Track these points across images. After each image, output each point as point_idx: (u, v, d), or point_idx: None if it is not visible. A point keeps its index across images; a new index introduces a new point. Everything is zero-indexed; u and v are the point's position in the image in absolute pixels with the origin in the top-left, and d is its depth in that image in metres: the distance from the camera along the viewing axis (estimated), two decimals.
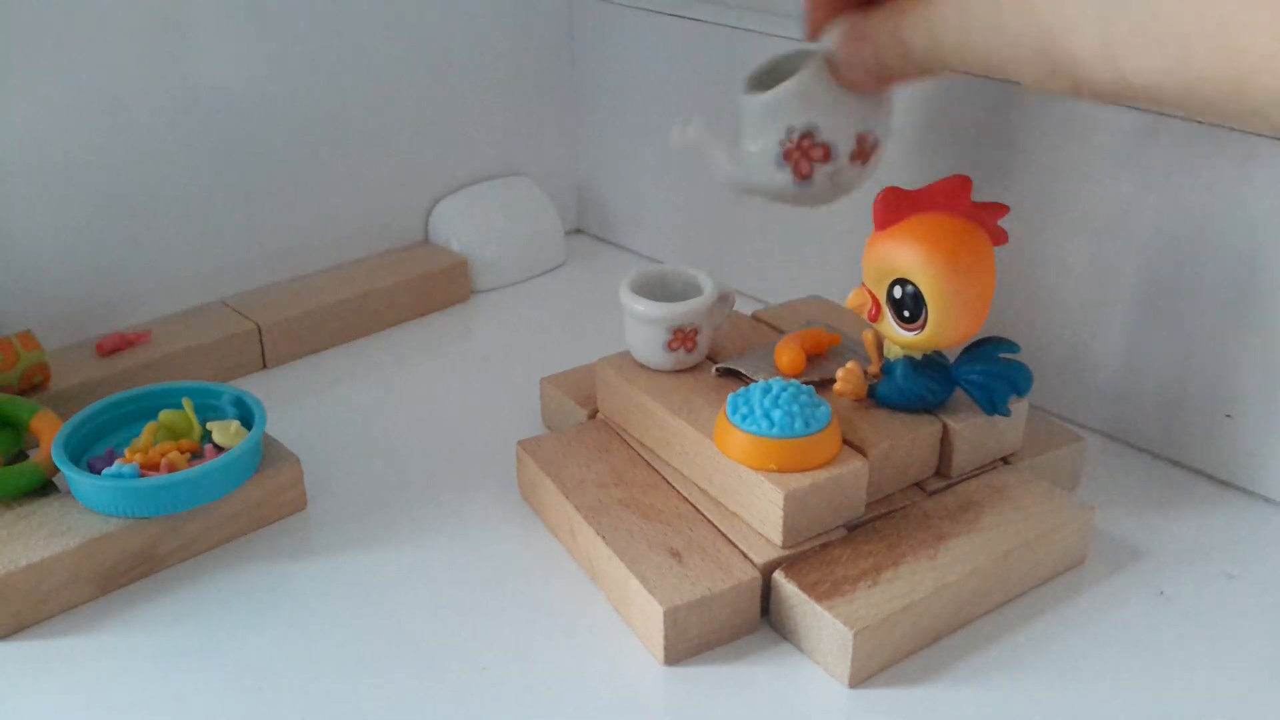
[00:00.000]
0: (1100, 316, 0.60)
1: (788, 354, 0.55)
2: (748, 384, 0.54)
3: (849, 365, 0.53)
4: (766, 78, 0.55)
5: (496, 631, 0.48)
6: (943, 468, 0.54)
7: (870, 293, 0.51)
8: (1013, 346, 0.52)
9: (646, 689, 0.45)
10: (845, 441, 0.50)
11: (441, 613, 0.50)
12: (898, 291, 0.49)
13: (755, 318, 0.65)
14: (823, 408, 0.50)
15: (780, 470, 0.48)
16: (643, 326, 0.55)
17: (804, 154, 0.53)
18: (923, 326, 0.49)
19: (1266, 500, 0.57)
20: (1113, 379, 0.60)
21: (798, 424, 0.48)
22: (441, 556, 0.53)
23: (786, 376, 0.54)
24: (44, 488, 0.53)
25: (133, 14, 0.65)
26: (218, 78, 0.69)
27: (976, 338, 0.52)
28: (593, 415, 0.60)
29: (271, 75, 0.71)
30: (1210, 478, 0.58)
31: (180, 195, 0.70)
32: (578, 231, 0.93)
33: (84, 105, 0.64)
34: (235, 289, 0.74)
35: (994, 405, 0.52)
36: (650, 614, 0.46)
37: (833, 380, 0.56)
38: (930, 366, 0.52)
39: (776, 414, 0.48)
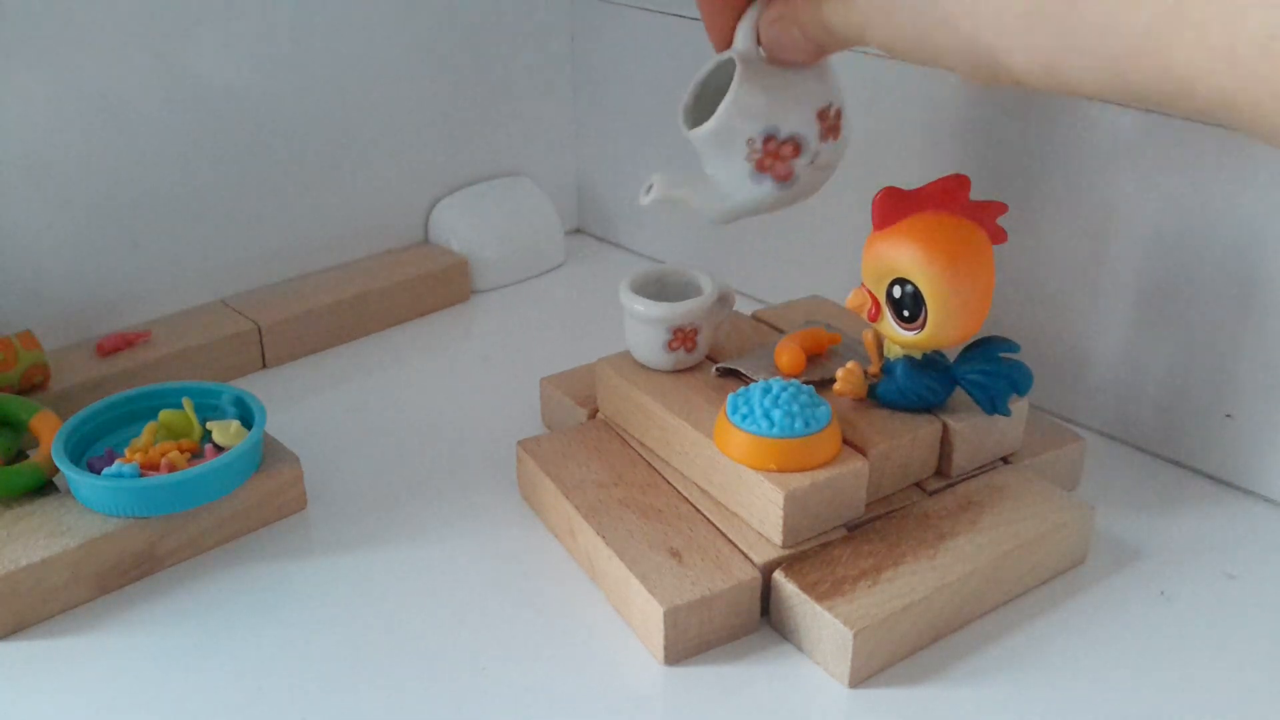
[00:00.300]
0: (1100, 316, 0.60)
1: (788, 354, 0.55)
2: (748, 384, 0.54)
3: (849, 365, 0.53)
4: (702, 102, 0.54)
5: (496, 631, 0.48)
6: (943, 468, 0.54)
7: (870, 293, 0.51)
8: (1012, 346, 0.52)
9: (646, 689, 0.45)
10: (845, 441, 0.50)
11: (441, 613, 0.50)
12: (897, 291, 0.49)
13: (755, 318, 0.65)
14: (823, 408, 0.50)
15: (780, 470, 0.48)
16: (643, 326, 0.55)
17: (776, 156, 0.51)
18: (922, 326, 0.49)
19: (1266, 500, 0.57)
20: (1112, 379, 0.60)
21: (798, 424, 0.48)
22: (441, 556, 0.53)
23: (786, 376, 0.54)
24: (44, 488, 0.53)
25: (133, 14, 0.65)
26: (218, 78, 0.69)
27: (976, 337, 0.52)
28: (593, 415, 0.60)
29: (271, 75, 0.71)
30: (1210, 478, 0.58)
31: (180, 195, 0.70)
32: (578, 231, 0.93)
33: (84, 105, 0.64)
34: (235, 289, 0.74)
35: (994, 405, 0.52)
36: (650, 614, 0.46)
37: (833, 380, 0.56)
38: (930, 366, 0.52)
39: (776, 414, 0.48)
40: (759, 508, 0.49)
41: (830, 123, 0.51)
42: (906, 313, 0.50)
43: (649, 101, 0.82)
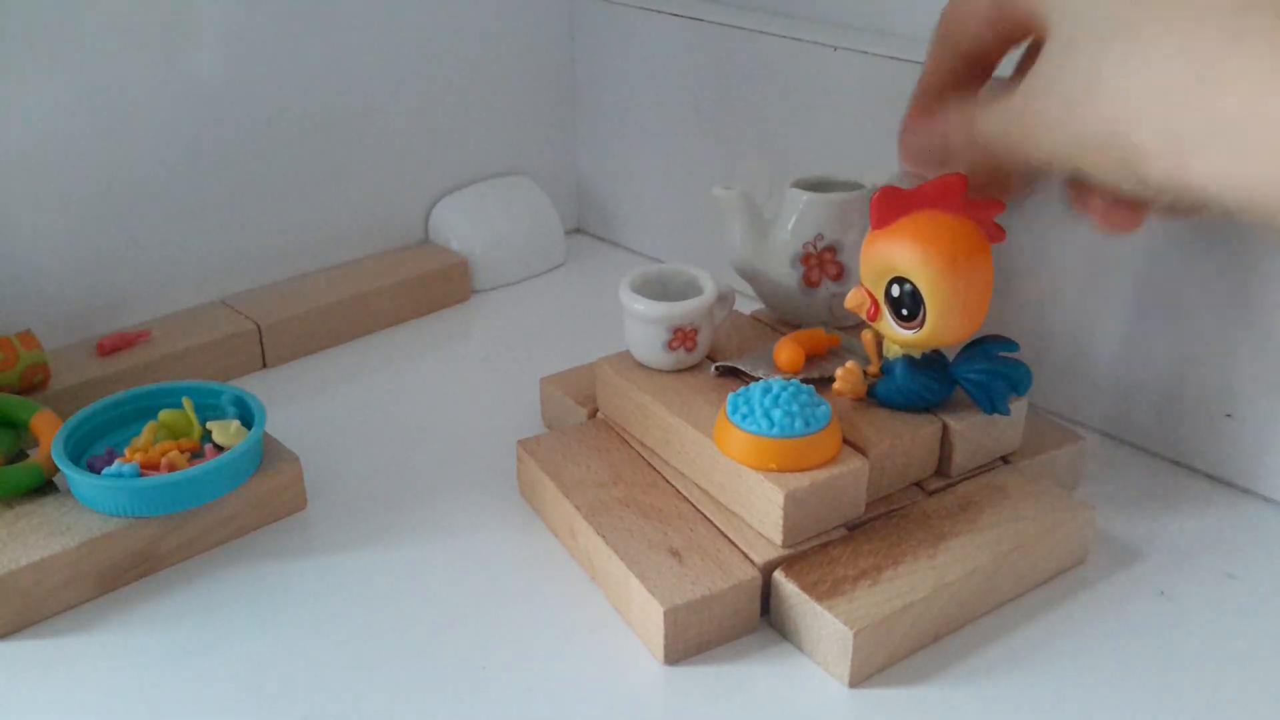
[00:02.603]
0: (1100, 315, 0.60)
1: (786, 352, 0.55)
2: (748, 383, 0.54)
3: (848, 365, 0.53)
4: (817, 184, 0.62)
5: (496, 631, 0.48)
6: (943, 467, 0.54)
7: (869, 292, 0.51)
8: (1011, 345, 0.52)
9: (646, 689, 0.45)
10: (845, 441, 0.50)
11: (441, 613, 0.50)
12: (895, 290, 0.49)
13: (755, 318, 0.65)
14: (823, 407, 0.50)
15: (780, 470, 0.48)
16: (643, 326, 0.55)
17: (820, 265, 0.58)
18: (921, 325, 0.49)
19: (1266, 500, 0.57)
20: (1112, 378, 0.60)
21: (798, 423, 0.48)
22: (441, 556, 0.53)
23: (785, 374, 0.54)
24: (44, 487, 0.53)
25: (133, 14, 0.65)
26: (218, 77, 0.69)
27: (975, 336, 0.52)
28: (593, 415, 0.60)
29: (272, 75, 0.71)
30: (1210, 478, 0.58)
31: (180, 195, 0.70)
32: (578, 231, 0.93)
33: (84, 105, 0.64)
34: (235, 289, 0.74)
35: (993, 404, 0.51)
36: (650, 614, 0.46)
37: (832, 379, 0.56)
38: (929, 365, 0.52)
39: (776, 413, 0.48)
40: (759, 507, 0.49)
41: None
42: (905, 311, 0.49)
43: (649, 101, 0.82)
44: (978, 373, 0.51)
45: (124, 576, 0.51)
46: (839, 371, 0.53)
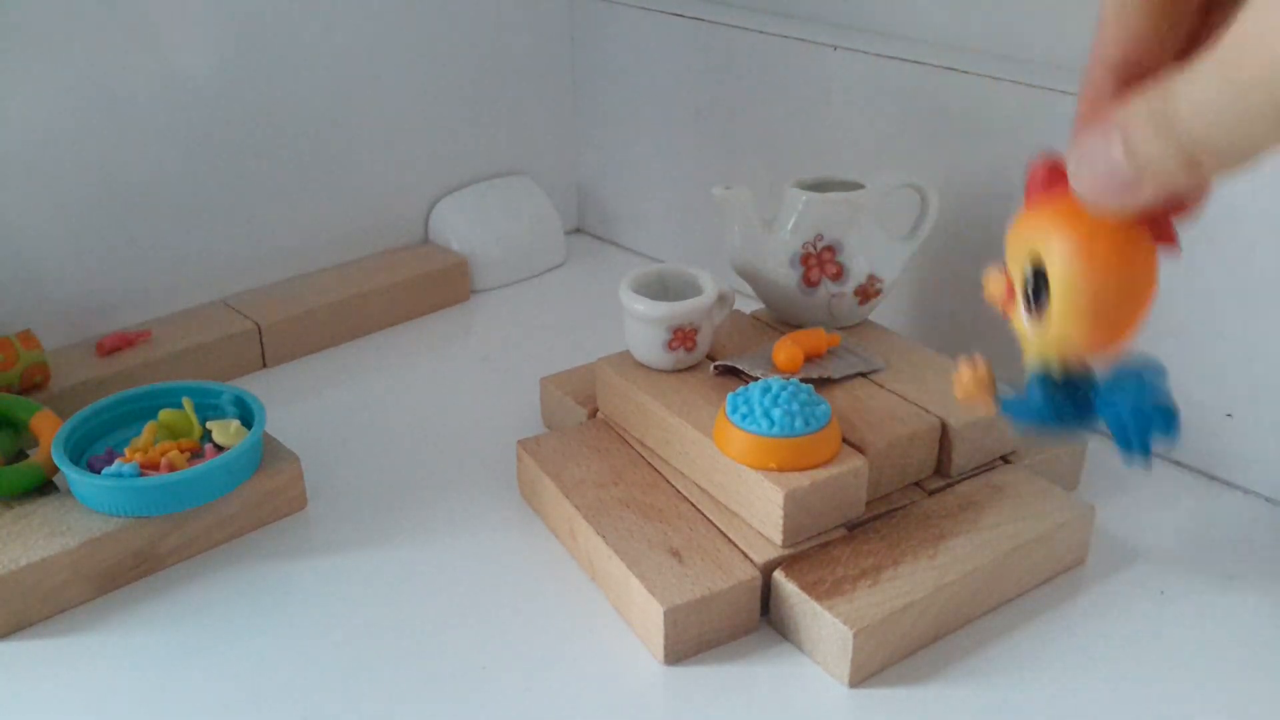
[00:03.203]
0: None
1: (785, 352, 0.55)
2: (747, 383, 0.54)
3: (975, 358, 0.45)
4: (817, 184, 0.62)
5: (496, 631, 0.48)
6: (943, 467, 0.54)
7: (1007, 276, 0.42)
8: (1159, 370, 0.44)
9: (646, 689, 0.45)
10: (845, 440, 0.50)
11: (441, 613, 0.50)
12: (1032, 278, 0.41)
13: (755, 317, 0.65)
14: (822, 407, 0.50)
15: (780, 469, 0.48)
16: (643, 326, 0.55)
17: (820, 265, 0.57)
18: (1042, 316, 0.41)
19: (1267, 500, 0.57)
20: None
21: (797, 423, 0.48)
22: (441, 556, 0.53)
23: (785, 374, 0.54)
24: (44, 487, 0.53)
25: (133, 14, 0.65)
26: (218, 78, 0.69)
27: (1127, 361, 0.44)
28: (593, 415, 0.60)
29: (272, 76, 0.71)
30: (1210, 478, 0.58)
31: (180, 195, 0.70)
32: (578, 231, 0.93)
33: (84, 105, 0.64)
34: (235, 289, 0.74)
35: (1131, 443, 0.43)
36: (650, 614, 0.46)
37: (832, 379, 0.56)
38: (1069, 388, 0.44)
39: (776, 413, 0.48)
40: (759, 507, 0.49)
41: (870, 289, 0.61)
42: (1031, 298, 0.41)
43: (649, 101, 0.82)
44: (1122, 406, 0.43)
45: (124, 576, 0.51)
46: (963, 368, 0.45)
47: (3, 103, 0.62)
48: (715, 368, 0.56)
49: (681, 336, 0.55)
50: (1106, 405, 0.43)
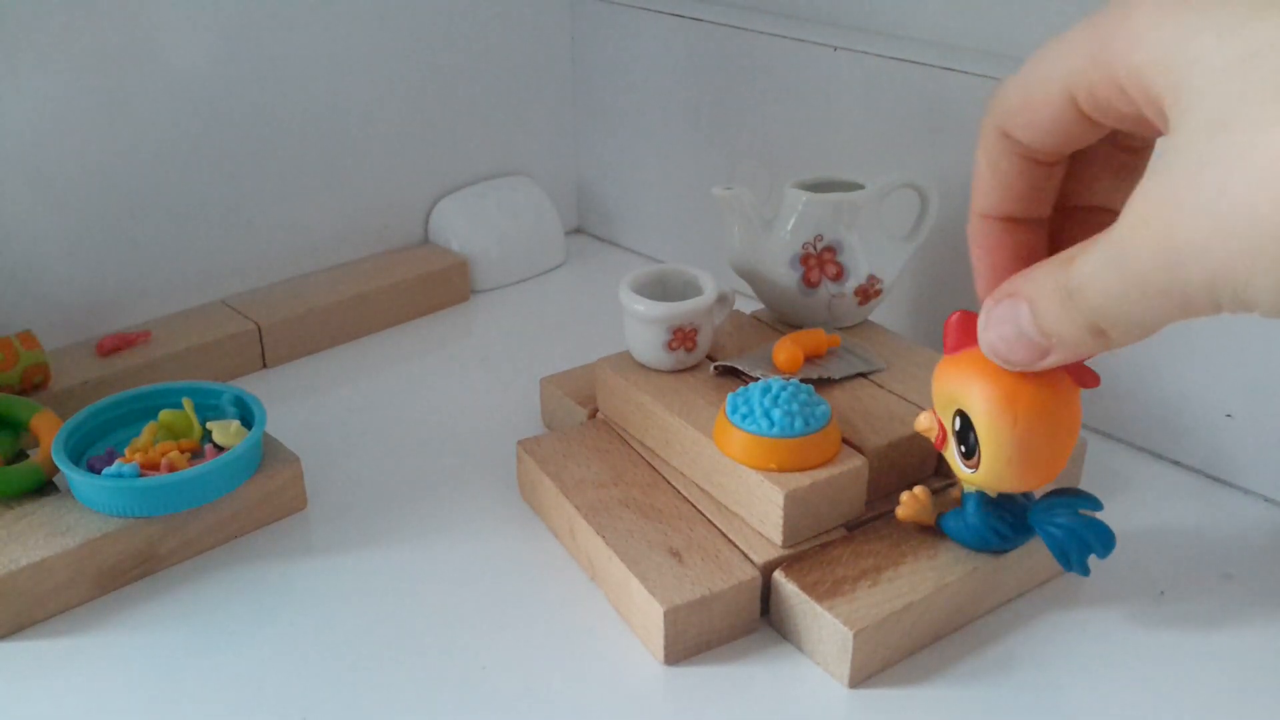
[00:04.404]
0: None
1: (785, 352, 0.55)
2: (747, 383, 0.54)
3: (914, 491, 0.49)
4: (817, 184, 0.62)
5: (496, 631, 0.48)
6: (942, 466, 0.54)
7: (938, 418, 0.46)
8: (1095, 503, 0.46)
9: (646, 689, 0.45)
10: (845, 441, 0.50)
11: (441, 612, 0.50)
12: (958, 422, 0.44)
13: (755, 317, 0.65)
14: (822, 407, 0.50)
15: (780, 469, 0.48)
16: (643, 326, 0.55)
17: (820, 265, 0.57)
18: (978, 465, 0.44)
19: (1267, 500, 0.57)
20: (1113, 379, 0.60)
21: (797, 423, 0.48)
22: (441, 556, 0.53)
23: (784, 374, 0.54)
24: (44, 487, 0.53)
25: (133, 15, 0.65)
26: (218, 78, 0.69)
27: (1058, 486, 0.47)
28: (593, 415, 0.60)
29: (272, 76, 0.71)
30: (1210, 478, 0.58)
31: (180, 195, 0.70)
32: (578, 231, 0.93)
33: (84, 106, 0.64)
34: (235, 289, 0.74)
35: (1070, 563, 0.46)
36: (650, 614, 0.46)
37: (831, 379, 0.56)
38: (1005, 508, 0.47)
39: (776, 413, 0.48)
40: (759, 507, 0.49)
41: (870, 289, 0.61)
42: (964, 448, 0.45)
43: (649, 101, 0.82)
44: (1058, 528, 0.46)
45: (124, 576, 0.51)
46: (904, 496, 0.49)
47: (3, 103, 0.62)
48: (715, 368, 0.56)
49: (681, 336, 0.55)
50: (1042, 527, 0.46)
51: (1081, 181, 0.38)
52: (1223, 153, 0.27)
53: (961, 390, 0.43)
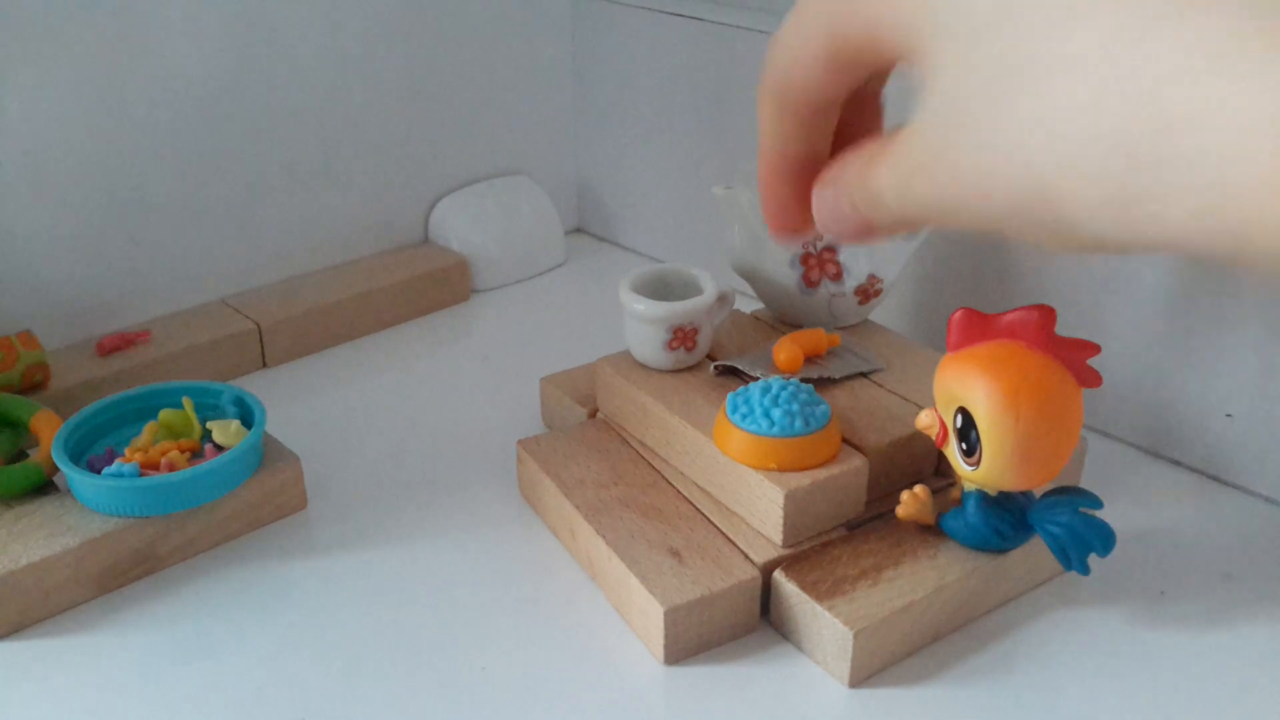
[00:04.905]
0: (1101, 316, 0.60)
1: (785, 352, 0.55)
2: (747, 383, 0.54)
3: (915, 490, 0.49)
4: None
5: (496, 631, 0.48)
6: (942, 466, 0.54)
7: (939, 416, 0.46)
8: (1095, 502, 0.47)
9: (646, 689, 0.45)
10: (845, 440, 0.50)
11: (441, 613, 0.50)
12: (959, 420, 0.45)
13: (755, 317, 0.65)
14: (822, 407, 0.50)
15: (780, 469, 0.48)
16: (643, 326, 0.55)
17: (820, 265, 0.57)
18: (979, 462, 0.45)
19: (1267, 500, 0.57)
20: (1113, 379, 0.60)
21: (797, 423, 0.48)
22: (441, 556, 0.53)
23: (784, 374, 0.54)
24: (44, 487, 0.53)
25: (133, 14, 0.65)
26: (218, 78, 0.69)
27: (1059, 484, 0.48)
28: (593, 415, 0.60)
29: (272, 76, 0.71)
30: (1211, 478, 0.58)
31: (180, 195, 0.70)
32: (578, 231, 0.93)
33: (84, 105, 0.64)
34: (235, 289, 0.74)
35: (1070, 562, 0.46)
36: (650, 614, 0.46)
37: (831, 379, 0.56)
38: (1005, 506, 0.47)
39: (776, 413, 0.48)
40: (759, 507, 0.49)
41: (870, 289, 0.61)
42: (965, 445, 0.45)
43: (649, 101, 0.82)
44: (1058, 526, 0.46)
45: (124, 576, 0.51)
46: (904, 496, 0.49)
47: (3, 103, 0.62)
48: (715, 368, 0.56)
49: (681, 336, 0.55)
50: (1042, 526, 0.46)
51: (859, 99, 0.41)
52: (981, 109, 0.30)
53: (964, 388, 0.44)
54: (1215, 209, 0.27)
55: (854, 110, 0.40)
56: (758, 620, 0.48)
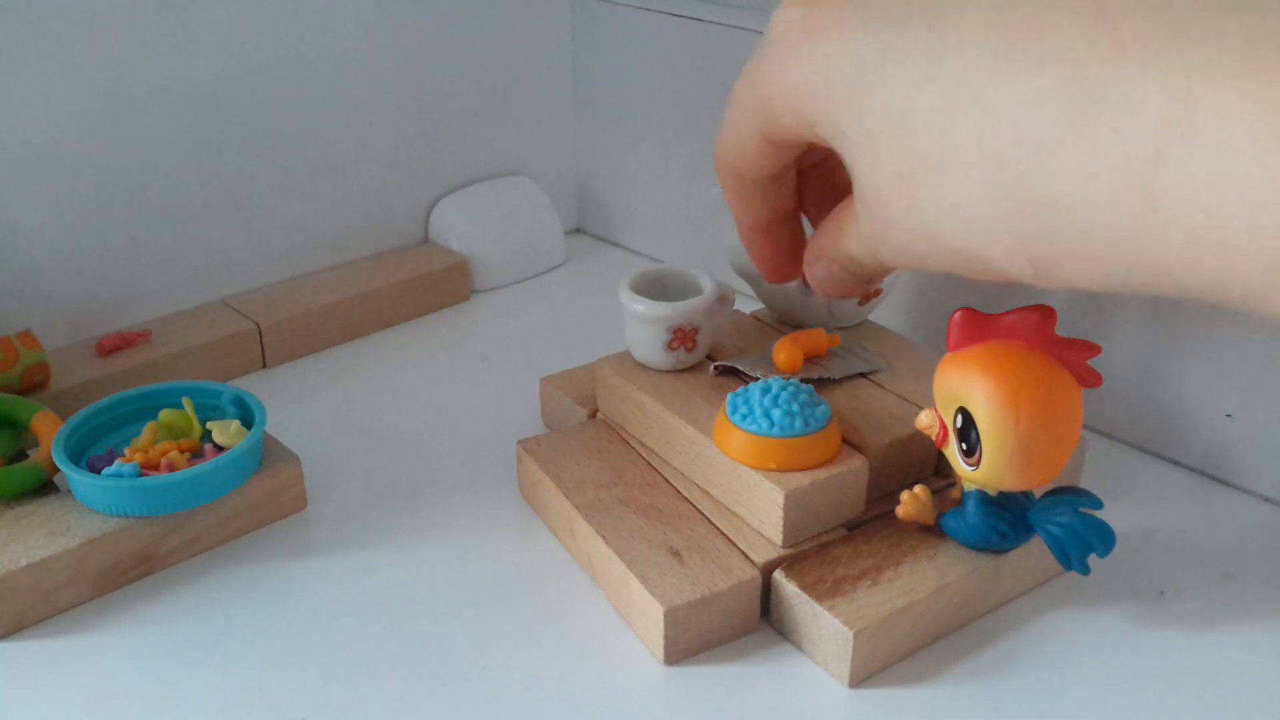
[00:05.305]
0: (1101, 316, 0.60)
1: (786, 352, 0.55)
2: (747, 383, 0.54)
3: (915, 490, 0.49)
4: None
5: (496, 631, 0.48)
6: (942, 466, 0.54)
7: (939, 416, 0.46)
8: (1096, 502, 0.47)
9: (646, 689, 0.45)
10: (845, 440, 0.50)
11: (441, 613, 0.50)
12: (959, 420, 0.45)
13: (755, 317, 0.65)
14: (822, 407, 0.50)
15: (780, 469, 0.48)
16: (643, 326, 0.55)
17: None
18: (979, 463, 0.45)
19: (1267, 500, 0.57)
20: (1113, 379, 0.60)
21: (797, 423, 0.48)
22: (441, 556, 0.53)
23: (784, 374, 0.54)
24: (44, 487, 0.53)
25: (133, 13, 0.65)
26: (218, 77, 0.69)
27: (1059, 484, 0.48)
28: (593, 415, 0.60)
29: (271, 75, 0.71)
30: (1210, 478, 0.58)
31: (180, 195, 0.70)
32: (578, 231, 0.93)
33: (84, 105, 0.64)
34: (235, 289, 0.74)
35: (1070, 562, 0.46)
36: (650, 614, 0.46)
37: (831, 379, 0.56)
38: (1006, 506, 0.47)
39: (776, 413, 0.48)
40: (759, 507, 0.49)
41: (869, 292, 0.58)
42: (965, 445, 0.45)
43: (649, 101, 0.82)
44: (1058, 526, 0.46)
45: (124, 576, 0.51)
46: (904, 496, 0.49)
47: (3, 103, 0.62)
48: (715, 368, 0.56)
49: (681, 336, 0.55)
50: (1042, 526, 0.46)
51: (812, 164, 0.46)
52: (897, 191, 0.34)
53: (964, 388, 0.44)
54: (1104, 269, 0.31)
55: (818, 157, 0.44)
56: (758, 620, 0.48)
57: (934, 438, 0.47)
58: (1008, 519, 0.47)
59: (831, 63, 0.36)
